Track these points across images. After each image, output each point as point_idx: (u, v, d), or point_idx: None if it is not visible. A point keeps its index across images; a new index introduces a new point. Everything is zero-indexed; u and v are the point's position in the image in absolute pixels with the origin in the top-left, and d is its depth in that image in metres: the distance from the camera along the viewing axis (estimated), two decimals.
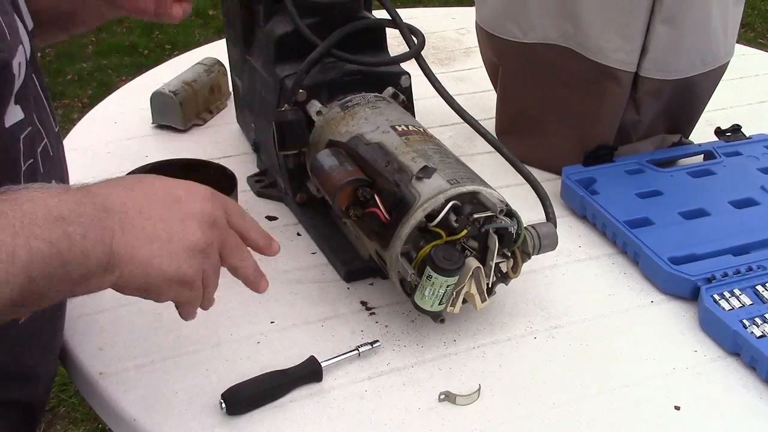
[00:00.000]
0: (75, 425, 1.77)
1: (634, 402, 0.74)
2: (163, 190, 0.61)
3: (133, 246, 0.58)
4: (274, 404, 0.72)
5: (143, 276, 0.59)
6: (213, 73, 1.22)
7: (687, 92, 1.04)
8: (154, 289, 0.61)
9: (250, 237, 0.68)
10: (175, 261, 0.60)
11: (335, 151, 0.82)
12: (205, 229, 0.61)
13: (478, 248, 0.76)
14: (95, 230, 0.56)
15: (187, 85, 1.16)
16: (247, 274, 0.67)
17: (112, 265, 0.57)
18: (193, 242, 0.60)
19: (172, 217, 0.60)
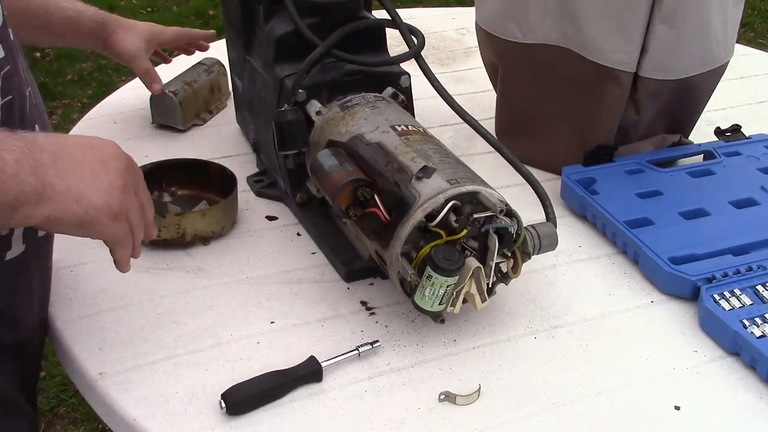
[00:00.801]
0: (75, 425, 1.77)
1: (634, 402, 0.74)
2: (80, 139, 0.67)
3: (66, 180, 0.63)
4: (274, 404, 0.72)
5: (77, 208, 0.64)
6: (213, 73, 1.22)
7: (687, 92, 1.04)
8: (88, 223, 0.65)
9: (147, 210, 0.72)
10: (102, 194, 0.65)
11: (335, 151, 0.82)
12: (123, 169, 0.67)
13: (478, 248, 0.76)
14: (28, 159, 0.61)
15: (187, 85, 1.16)
16: (136, 236, 0.71)
17: (46, 196, 0.62)
18: (114, 178, 0.66)
19: (93, 158, 0.66)
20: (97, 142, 0.68)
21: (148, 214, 0.72)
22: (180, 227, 0.89)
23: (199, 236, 0.91)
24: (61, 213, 0.63)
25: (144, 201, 0.71)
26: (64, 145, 0.65)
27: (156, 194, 0.99)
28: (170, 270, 0.88)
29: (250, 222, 0.97)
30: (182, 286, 0.86)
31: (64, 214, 0.63)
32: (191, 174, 1.00)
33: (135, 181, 0.69)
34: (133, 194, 0.69)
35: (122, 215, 0.67)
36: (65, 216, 0.63)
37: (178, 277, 0.87)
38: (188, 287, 0.86)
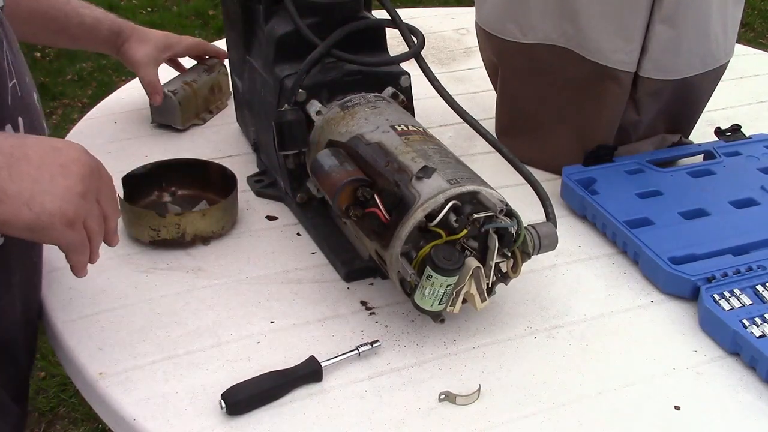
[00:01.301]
0: (75, 425, 1.78)
1: (634, 402, 0.74)
2: (43, 141, 0.66)
3: (19, 184, 0.62)
4: (274, 404, 0.72)
5: (28, 213, 0.63)
6: (213, 73, 1.22)
7: (687, 92, 1.04)
8: (39, 228, 0.64)
9: (109, 218, 0.70)
10: (57, 200, 0.64)
11: (335, 151, 0.82)
12: (85, 175, 0.66)
13: (478, 248, 0.76)
14: None
15: (187, 85, 1.16)
16: (93, 244, 0.70)
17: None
18: (73, 184, 0.65)
19: (53, 162, 0.64)
20: (62, 145, 0.66)
21: (110, 222, 0.70)
22: (180, 227, 0.89)
23: (199, 236, 0.91)
24: (11, 217, 0.62)
25: (107, 209, 0.69)
26: (23, 147, 0.64)
27: (156, 194, 0.99)
28: (170, 270, 0.88)
29: (250, 222, 0.97)
30: (182, 286, 0.86)
31: (14, 217, 0.62)
32: (191, 174, 1.00)
33: (98, 187, 0.68)
34: (93, 201, 0.67)
35: (79, 222, 0.65)
36: (15, 220, 0.63)
37: (178, 277, 0.87)
38: (188, 287, 0.86)
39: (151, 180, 0.98)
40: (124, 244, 0.91)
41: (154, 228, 0.89)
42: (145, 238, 0.90)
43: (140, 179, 0.96)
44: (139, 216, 0.90)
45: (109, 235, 0.71)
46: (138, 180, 0.96)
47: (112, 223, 0.71)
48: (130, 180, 0.95)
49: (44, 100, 3.03)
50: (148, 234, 0.89)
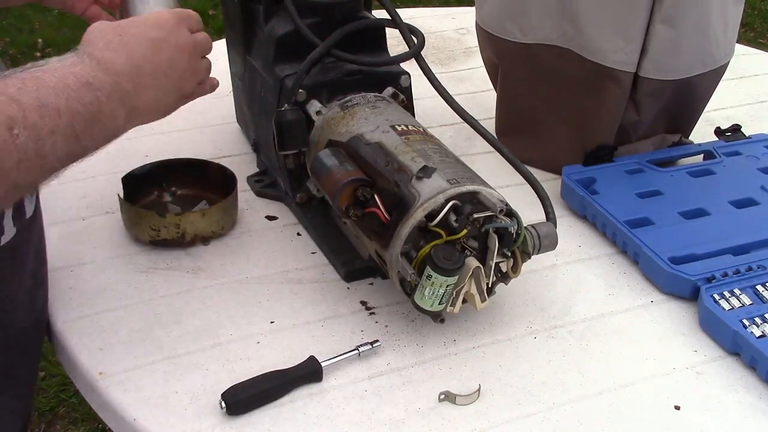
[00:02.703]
0: (75, 425, 1.78)
1: (634, 402, 0.74)
2: (145, 38, 0.72)
3: (146, 97, 0.71)
4: (274, 404, 0.72)
5: (158, 115, 0.74)
6: None
7: (687, 92, 1.04)
8: (167, 114, 0.76)
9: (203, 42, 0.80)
10: (175, 91, 0.74)
11: (335, 151, 0.82)
12: (188, 56, 0.75)
13: (478, 248, 0.76)
14: (116, 92, 0.67)
15: None
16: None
17: (132, 117, 0.70)
18: (182, 72, 0.74)
19: (161, 59, 0.72)
20: (158, 34, 0.72)
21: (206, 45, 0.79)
22: (180, 227, 0.89)
23: (199, 236, 0.91)
24: (144, 122, 0.72)
25: (200, 37, 0.78)
26: (133, 57, 0.69)
27: (156, 194, 0.99)
28: (170, 270, 0.88)
29: (250, 222, 0.97)
30: (182, 286, 0.86)
31: (146, 122, 0.73)
32: (191, 174, 1.00)
33: (201, 48, 0.77)
34: (199, 62, 0.77)
35: (196, 90, 0.78)
36: (149, 121, 0.73)
37: (178, 277, 0.87)
38: (188, 287, 0.86)
39: (151, 180, 0.98)
40: (124, 244, 0.91)
41: (154, 228, 0.89)
42: (145, 238, 0.90)
43: (140, 179, 0.96)
44: (139, 216, 0.90)
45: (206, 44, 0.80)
46: (138, 180, 0.96)
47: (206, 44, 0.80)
48: (130, 180, 0.95)
49: None
50: (148, 234, 0.89)
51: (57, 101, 0.62)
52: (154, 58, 0.71)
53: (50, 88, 0.62)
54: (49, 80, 0.62)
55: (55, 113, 0.61)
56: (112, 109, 0.67)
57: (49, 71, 0.64)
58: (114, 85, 0.67)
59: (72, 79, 0.64)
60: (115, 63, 0.68)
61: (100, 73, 0.67)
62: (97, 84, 0.66)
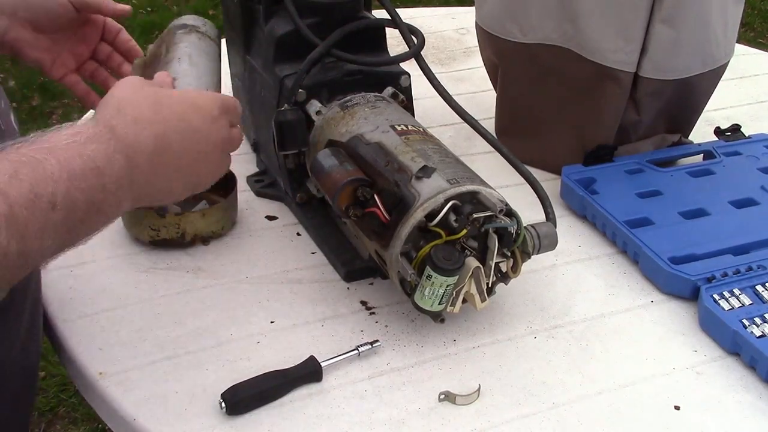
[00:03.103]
0: (75, 425, 1.78)
1: (634, 402, 0.74)
2: (183, 123, 0.65)
3: (158, 187, 0.65)
4: (274, 404, 0.72)
5: (164, 202, 0.70)
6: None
7: (687, 92, 1.04)
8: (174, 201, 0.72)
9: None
10: (193, 186, 0.69)
11: (335, 151, 0.82)
12: (222, 149, 0.70)
13: (478, 248, 0.76)
14: (128, 182, 0.61)
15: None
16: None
17: (137, 203, 0.64)
18: (208, 168, 0.69)
19: (192, 152, 0.66)
20: (200, 126, 0.66)
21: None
22: (180, 227, 0.89)
23: (199, 236, 0.91)
24: (146, 206, 0.68)
25: (235, 133, 0.72)
26: (160, 146, 0.63)
27: None
28: (170, 270, 0.88)
29: (250, 222, 0.97)
30: (182, 286, 0.86)
31: (148, 205, 0.67)
32: None
33: (231, 137, 0.71)
34: (228, 155, 0.72)
35: (215, 179, 0.71)
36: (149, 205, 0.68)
37: (178, 277, 0.87)
38: (188, 287, 0.86)
39: None
40: (124, 244, 0.91)
41: (154, 228, 0.89)
42: (145, 238, 0.90)
43: None
44: (139, 216, 0.89)
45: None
46: None
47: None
48: None
49: (44, 100, 3.03)
50: (148, 234, 0.89)
51: (54, 192, 0.54)
52: (185, 150, 0.64)
53: (49, 176, 0.54)
54: (51, 165, 0.55)
55: (49, 207, 0.54)
56: (119, 199, 0.60)
57: (54, 150, 0.56)
58: (129, 174, 0.60)
59: (78, 164, 0.56)
60: (139, 147, 0.61)
61: (116, 158, 0.59)
62: (110, 172, 0.58)
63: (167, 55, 0.85)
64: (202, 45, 0.88)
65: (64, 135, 0.58)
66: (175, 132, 0.64)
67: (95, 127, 0.60)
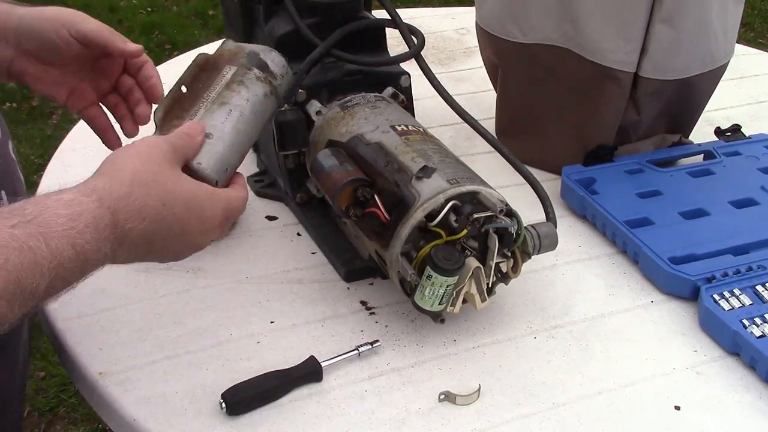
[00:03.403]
0: (75, 425, 1.78)
1: (634, 402, 0.74)
2: (180, 227, 0.63)
3: (126, 263, 0.63)
4: (274, 404, 0.72)
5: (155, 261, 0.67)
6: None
7: (687, 92, 1.04)
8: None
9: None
10: (173, 258, 0.67)
11: (335, 151, 0.82)
12: (223, 228, 0.68)
13: (478, 248, 0.76)
14: (106, 261, 0.59)
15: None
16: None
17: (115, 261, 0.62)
18: (209, 238, 0.67)
19: (181, 252, 0.66)
20: (200, 237, 0.65)
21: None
22: None
23: None
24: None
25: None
26: (153, 242, 0.61)
27: None
28: (170, 270, 0.88)
29: (250, 222, 0.97)
30: (182, 286, 0.86)
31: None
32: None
33: (224, 228, 0.69)
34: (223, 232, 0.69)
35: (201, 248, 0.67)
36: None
37: (178, 277, 0.87)
38: (188, 287, 0.86)
39: None
40: None
41: None
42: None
43: None
44: None
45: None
46: None
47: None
48: None
49: (44, 100, 3.03)
50: None
51: (39, 285, 0.53)
52: (168, 247, 0.63)
53: (38, 269, 0.53)
54: (43, 257, 0.53)
55: (29, 297, 0.53)
56: (81, 278, 0.59)
57: (48, 236, 0.54)
58: (111, 254, 0.59)
59: (69, 255, 0.55)
60: (128, 240, 0.60)
61: (109, 250, 0.58)
62: (94, 259, 0.57)
63: (221, 89, 0.72)
64: (264, 104, 0.74)
65: (63, 218, 0.55)
66: (168, 235, 0.63)
67: (98, 209, 0.58)
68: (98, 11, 3.35)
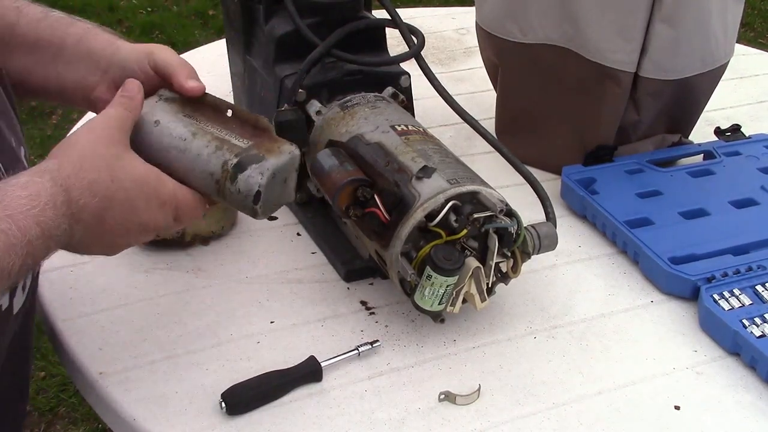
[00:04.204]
0: (75, 425, 1.77)
1: (634, 402, 0.74)
2: (129, 212, 0.65)
3: (91, 248, 0.66)
4: (274, 404, 0.72)
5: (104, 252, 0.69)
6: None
7: (687, 92, 1.04)
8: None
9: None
10: (121, 249, 0.69)
11: (335, 151, 0.82)
12: (148, 235, 0.69)
13: (478, 248, 0.76)
14: (66, 238, 0.62)
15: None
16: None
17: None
18: (130, 243, 0.69)
19: (131, 231, 0.66)
20: (147, 218, 0.66)
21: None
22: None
23: (199, 236, 0.91)
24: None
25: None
26: (105, 219, 0.63)
27: None
28: (170, 270, 0.88)
29: (250, 222, 0.97)
30: (182, 286, 0.86)
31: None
32: None
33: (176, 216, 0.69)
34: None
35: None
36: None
37: (178, 277, 0.87)
38: (188, 287, 0.86)
39: None
40: None
41: None
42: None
43: None
44: None
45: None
46: None
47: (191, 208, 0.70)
48: None
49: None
50: None
51: (14, 264, 0.56)
52: (119, 225, 0.64)
53: (12, 248, 0.56)
54: (15, 236, 0.56)
55: (5, 276, 0.56)
56: (52, 252, 0.62)
57: (15, 218, 0.57)
58: (68, 236, 0.61)
59: (36, 233, 0.58)
60: (83, 214, 0.62)
61: (63, 223, 0.60)
62: (56, 236, 0.60)
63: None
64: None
65: (23, 198, 0.58)
66: (120, 212, 0.64)
67: (53, 187, 0.60)
68: (98, 11, 3.35)
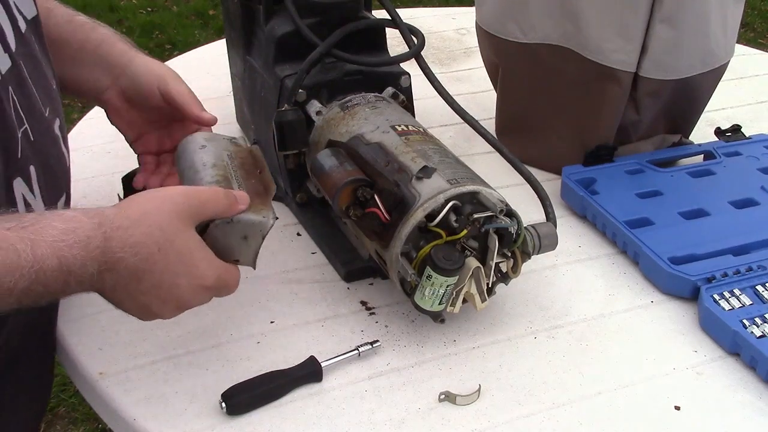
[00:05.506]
0: (75, 425, 1.78)
1: (634, 402, 0.74)
2: (167, 278, 0.64)
3: (124, 304, 0.66)
4: (274, 404, 0.72)
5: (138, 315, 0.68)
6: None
7: (687, 92, 1.04)
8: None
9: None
10: (154, 317, 0.67)
11: (335, 151, 0.82)
12: (179, 309, 0.68)
13: (478, 248, 0.76)
14: (94, 282, 0.62)
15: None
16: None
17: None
18: (156, 314, 0.67)
19: (167, 303, 0.66)
20: (188, 291, 0.66)
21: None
22: None
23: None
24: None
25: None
26: (140, 281, 0.63)
27: None
28: None
29: None
30: None
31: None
32: None
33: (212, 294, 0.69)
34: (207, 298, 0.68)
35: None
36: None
37: None
38: None
39: None
40: None
41: None
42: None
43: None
44: None
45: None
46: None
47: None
48: (129, 180, 0.94)
49: None
50: None
51: (17, 283, 0.57)
52: (149, 293, 0.64)
53: (18, 269, 0.57)
54: (26, 259, 0.57)
55: (6, 294, 0.57)
56: (73, 291, 0.61)
57: (37, 243, 0.58)
58: (96, 280, 0.61)
59: (52, 264, 0.58)
60: (119, 263, 0.61)
61: (96, 270, 0.60)
62: (85, 277, 0.60)
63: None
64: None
65: (56, 230, 0.59)
66: (159, 279, 0.64)
67: (93, 230, 0.60)
68: (98, 11, 3.35)
